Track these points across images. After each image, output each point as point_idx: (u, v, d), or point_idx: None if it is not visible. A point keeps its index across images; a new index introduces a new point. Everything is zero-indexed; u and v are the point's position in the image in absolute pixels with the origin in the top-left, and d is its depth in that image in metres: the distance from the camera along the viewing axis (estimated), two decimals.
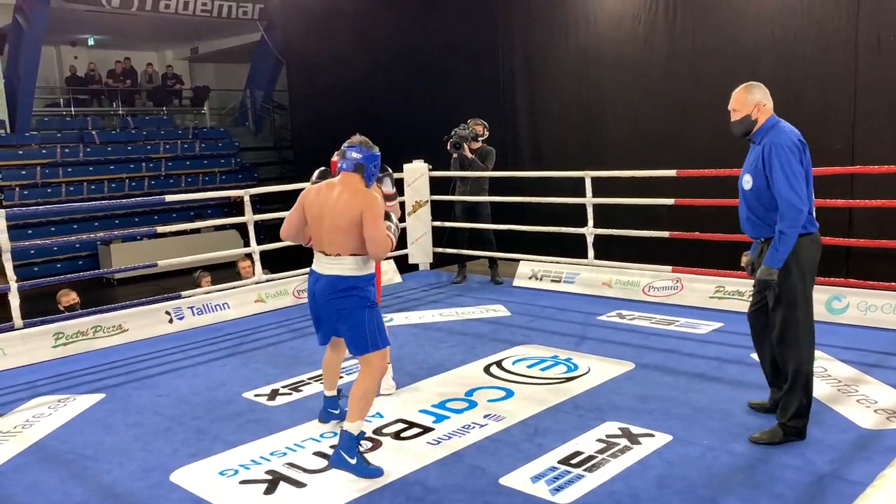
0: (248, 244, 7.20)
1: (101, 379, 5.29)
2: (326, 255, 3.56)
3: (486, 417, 4.20)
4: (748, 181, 3.70)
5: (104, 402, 4.80)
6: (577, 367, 5.02)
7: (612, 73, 9.21)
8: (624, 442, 3.78)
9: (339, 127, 12.39)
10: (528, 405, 4.35)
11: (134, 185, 15.68)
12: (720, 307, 6.31)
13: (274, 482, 3.54)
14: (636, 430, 3.92)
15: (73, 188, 14.93)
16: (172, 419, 4.44)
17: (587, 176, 7.11)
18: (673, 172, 6.76)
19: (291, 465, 3.72)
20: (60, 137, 15.73)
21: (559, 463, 3.59)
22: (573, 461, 3.60)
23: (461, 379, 4.90)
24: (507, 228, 7.89)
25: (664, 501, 3.22)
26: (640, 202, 7.07)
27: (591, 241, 7.15)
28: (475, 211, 7.86)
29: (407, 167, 8.15)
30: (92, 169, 15.41)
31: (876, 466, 3.33)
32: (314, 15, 12.70)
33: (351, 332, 3.57)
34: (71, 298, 7.02)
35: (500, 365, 5.14)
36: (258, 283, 7.09)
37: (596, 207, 7.12)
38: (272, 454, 3.84)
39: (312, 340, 5.86)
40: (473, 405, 4.41)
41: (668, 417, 4.08)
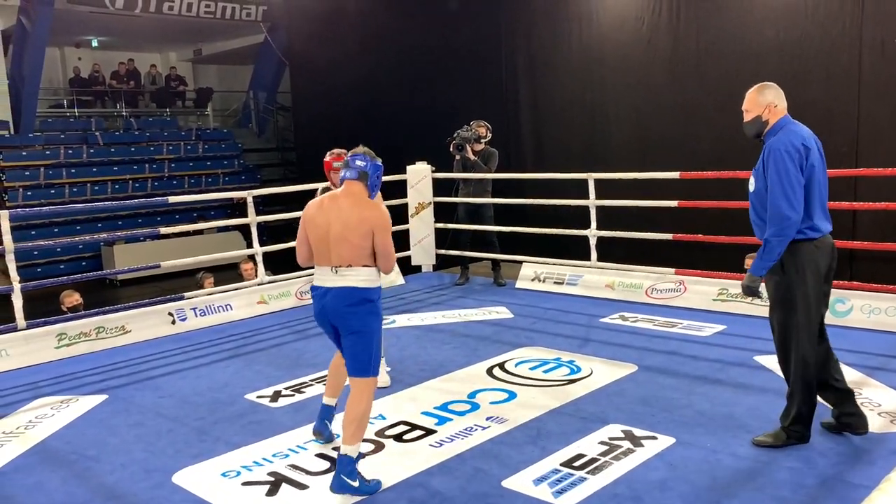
0: (250, 245, 7.21)
1: (103, 380, 5.30)
2: (335, 268, 3.42)
3: (488, 420, 4.19)
4: (752, 183, 3.67)
5: (107, 402, 4.80)
6: (579, 369, 5.01)
7: (615, 74, 9.21)
8: (627, 444, 3.78)
9: (342, 128, 12.46)
10: (530, 407, 4.34)
11: (137, 186, 15.70)
12: (723, 310, 6.29)
13: (276, 484, 3.54)
14: (639, 432, 3.91)
15: (76, 189, 14.96)
16: (175, 420, 4.44)
17: (590, 178, 7.11)
18: (676, 174, 6.76)
19: (294, 466, 3.71)
20: (64, 138, 15.75)
21: (562, 465, 3.58)
22: (576, 464, 3.59)
23: (464, 381, 4.90)
24: (509, 230, 7.89)
25: None
26: (643, 204, 7.06)
27: (593, 243, 7.14)
28: (478, 213, 7.85)
29: (410, 169, 8.15)
30: (95, 170, 15.44)
31: (880, 470, 3.32)
32: (317, 16, 12.73)
33: (355, 352, 3.45)
34: (74, 299, 7.02)
35: (502, 367, 5.14)
36: (261, 284, 7.09)
37: (599, 209, 7.11)
38: (274, 456, 3.84)
39: (315, 342, 5.90)
40: (476, 407, 4.40)
41: (670, 420, 4.07)
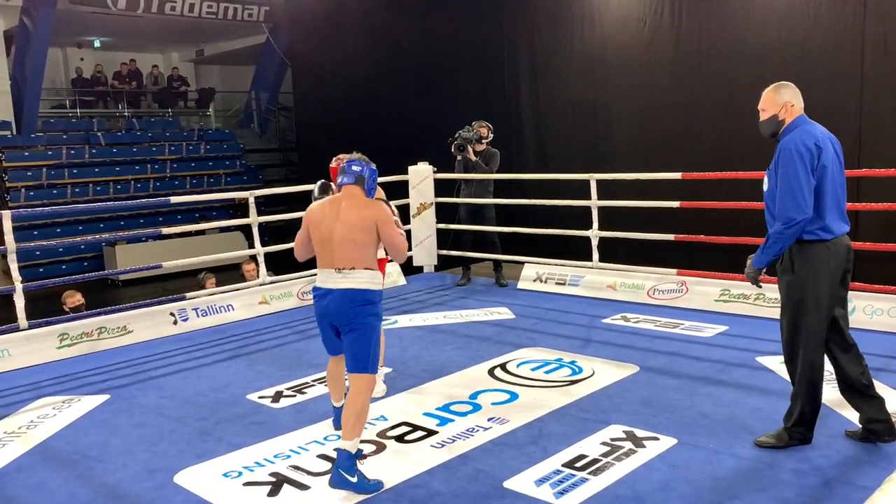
0: (252, 246, 7.21)
1: (105, 380, 5.30)
2: (339, 270, 3.52)
3: (490, 420, 4.19)
4: (766, 183, 3.65)
5: (109, 403, 4.81)
6: (581, 369, 5.01)
7: (617, 75, 9.20)
8: (628, 445, 3.77)
9: (344, 129, 12.46)
10: (532, 408, 4.34)
11: (139, 186, 15.71)
12: (725, 310, 6.29)
13: (278, 484, 3.54)
14: (641, 433, 3.91)
15: (78, 189, 14.97)
16: (177, 420, 4.44)
17: (592, 178, 7.10)
18: (678, 175, 6.75)
19: (295, 467, 3.71)
20: (66, 139, 15.77)
21: (563, 466, 3.58)
22: (577, 464, 3.59)
23: (465, 381, 4.89)
24: (511, 231, 7.88)
25: None
26: (645, 205, 7.05)
27: (595, 243, 7.14)
28: (480, 213, 7.85)
29: (412, 169, 8.15)
30: (97, 170, 15.45)
31: (882, 471, 3.32)
32: (319, 17, 12.72)
33: (355, 349, 3.54)
34: (76, 299, 7.03)
35: (504, 367, 5.14)
36: (262, 284, 7.10)
37: (601, 210, 7.11)
38: (276, 456, 3.84)
39: (316, 342, 5.88)
40: (478, 408, 4.40)
41: (672, 421, 4.07)
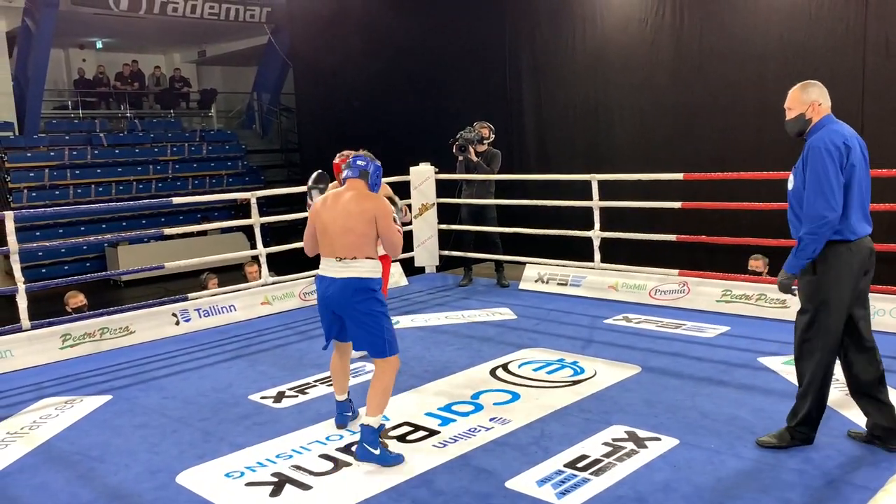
0: (254, 246, 7.22)
1: (107, 380, 5.31)
2: (339, 259, 3.69)
3: (492, 420, 4.19)
4: (791, 181, 3.60)
5: (111, 403, 4.81)
6: (583, 370, 5.01)
7: (618, 75, 9.20)
8: (630, 446, 3.77)
9: (345, 129, 12.47)
10: (534, 408, 4.34)
11: (141, 187, 15.74)
12: (727, 311, 6.28)
13: (280, 484, 3.55)
14: (642, 433, 3.91)
15: (80, 190, 14.99)
16: (179, 421, 4.45)
17: (594, 179, 7.10)
18: (680, 175, 6.75)
19: (297, 467, 3.72)
20: (68, 140, 15.80)
21: (565, 466, 3.58)
22: (579, 465, 3.59)
23: (467, 382, 4.90)
24: (513, 231, 7.88)
25: None
26: (646, 205, 7.05)
27: (597, 244, 7.13)
28: (481, 214, 7.85)
29: (413, 170, 8.16)
30: (100, 171, 15.47)
31: (885, 471, 3.32)
32: (321, 18, 12.74)
33: (371, 338, 3.72)
34: (78, 300, 7.03)
35: (506, 368, 5.14)
36: (264, 285, 7.10)
37: (602, 210, 7.11)
38: (278, 456, 3.85)
39: (318, 343, 5.89)
40: (479, 408, 4.40)
41: (674, 421, 4.07)
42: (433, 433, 4.05)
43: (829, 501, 3.19)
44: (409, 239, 7.98)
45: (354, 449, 3.75)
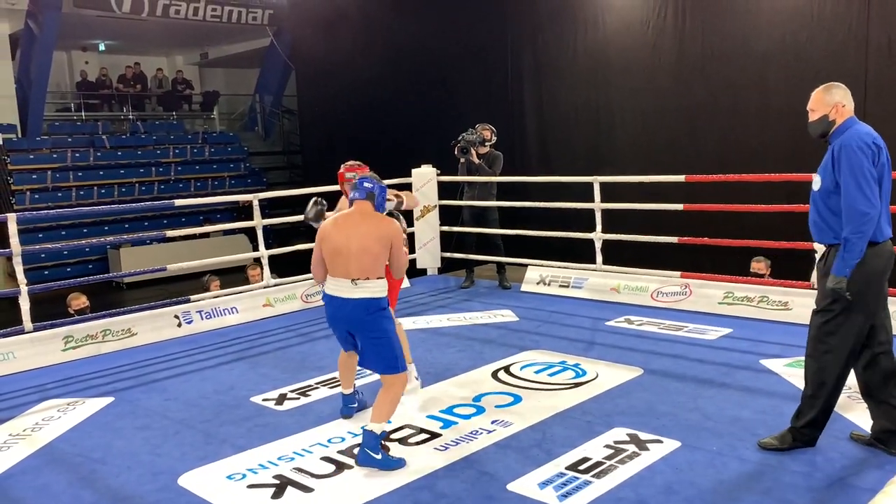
0: (256, 248, 7.23)
1: (110, 382, 5.31)
2: (353, 280, 3.74)
3: (493, 423, 4.19)
4: (817, 182, 3.54)
5: (113, 405, 4.82)
6: (585, 372, 5.00)
7: (620, 77, 9.21)
8: (632, 448, 3.77)
9: (347, 132, 12.47)
10: (535, 411, 4.34)
11: (144, 189, 15.76)
12: (729, 313, 6.27)
13: (281, 487, 3.55)
14: (644, 436, 3.90)
15: (83, 192, 15.02)
16: (181, 423, 4.45)
17: (595, 181, 7.10)
18: (682, 178, 6.75)
19: (299, 469, 3.72)
20: (71, 142, 15.83)
21: (567, 469, 3.58)
22: (581, 467, 3.59)
23: (469, 384, 4.89)
24: (514, 233, 7.88)
25: None
26: (648, 207, 7.05)
27: (599, 246, 7.13)
28: (483, 216, 7.85)
29: (415, 172, 8.16)
30: (102, 173, 15.49)
31: (887, 473, 3.31)
32: (323, 20, 12.76)
33: (382, 356, 3.80)
34: (81, 302, 7.04)
35: (507, 370, 5.13)
36: (267, 287, 7.11)
37: (604, 212, 7.11)
38: (280, 459, 3.85)
39: (320, 345, 5.91)
40: (481, 410, 4.40)
41: (676, 423, 4.06)
42: (435, 436, 4.05)
43: (831, 503, 3.19)
44: (411, 240, 7.98)
45: (356, 453, 3.75)
